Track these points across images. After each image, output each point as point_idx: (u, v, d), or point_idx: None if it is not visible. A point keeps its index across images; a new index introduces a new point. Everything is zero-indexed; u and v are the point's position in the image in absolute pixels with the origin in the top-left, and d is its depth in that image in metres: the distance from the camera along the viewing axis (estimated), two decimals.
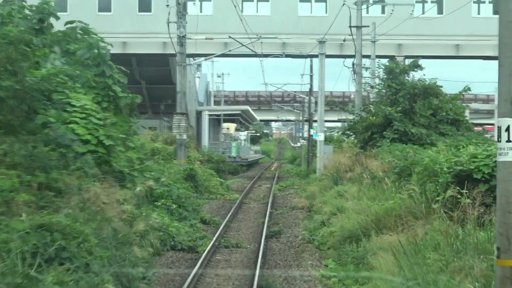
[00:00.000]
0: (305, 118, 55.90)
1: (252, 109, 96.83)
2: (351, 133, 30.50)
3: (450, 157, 16.33)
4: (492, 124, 61.24)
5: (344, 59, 54.25)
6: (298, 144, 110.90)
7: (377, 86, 29.97)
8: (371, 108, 29.56)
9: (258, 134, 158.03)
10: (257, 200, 33.06)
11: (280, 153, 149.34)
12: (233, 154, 62.44)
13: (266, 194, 36.09)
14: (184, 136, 32.79)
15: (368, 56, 48.61)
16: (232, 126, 62.63)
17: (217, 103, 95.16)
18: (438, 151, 19.76)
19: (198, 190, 30.76)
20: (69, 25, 23.93)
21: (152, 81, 55.35)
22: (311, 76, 58.14)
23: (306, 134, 77.36)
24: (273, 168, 79.96)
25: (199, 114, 64.22)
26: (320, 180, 32.46)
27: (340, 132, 33.67)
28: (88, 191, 14.56)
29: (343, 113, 73.00)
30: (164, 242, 18.12)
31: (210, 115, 64.29)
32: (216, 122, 66.40)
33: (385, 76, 30.38)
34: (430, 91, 28.73)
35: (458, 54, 49.77)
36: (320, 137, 45.32)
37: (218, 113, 63.79)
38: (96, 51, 21.42)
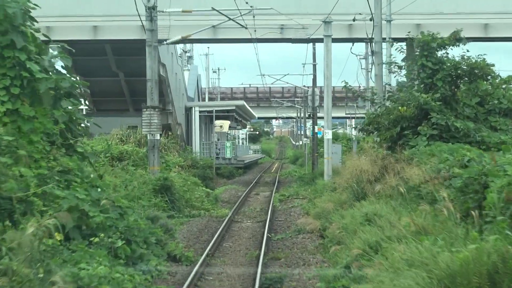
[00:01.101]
0: (308, 113, 48.81)
1: (250, 106, 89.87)
2: (373, 129, 23.29)
3: None
4: None
5: (352, 43, 47.32)
6: (300, 143, 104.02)
7: (405, 66, 22.75)
8: (400, 96, 22.38)
9: (257, 133, 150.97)
10: (252, 217, 25.91)
11: (281, 152, 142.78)
12: (228, 155, 55.31)
13: (263, 207, 28.97)
14: (158, 136, 25.67)
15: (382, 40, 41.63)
16: (226, 123, 55.52)
17: (213, 100, 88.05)
18: None
19: (175, 206, 23.63)
20: None
21: (132, 73, 48.10)
22: (314, 66, 51.00)
23: (309, 132, 70.38)
24: (273, 169, 72.85)
25: (188, 110, 57.08)
26: (332, 190, 25.33)
27: (356, 128, 26.44)
28: None
29: (351, 108, 65.78)
30: None
31: (201, 111, 57.09)
32: (208, 119, 59.26)
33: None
34: (477, 72, 21.57)
35: (487, 36, 42.56)
36: (327, 134, 38.21)
37: (210, 109, 56.64)
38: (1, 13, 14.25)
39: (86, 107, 53.06)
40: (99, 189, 15.71)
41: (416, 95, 20.86)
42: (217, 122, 55.79)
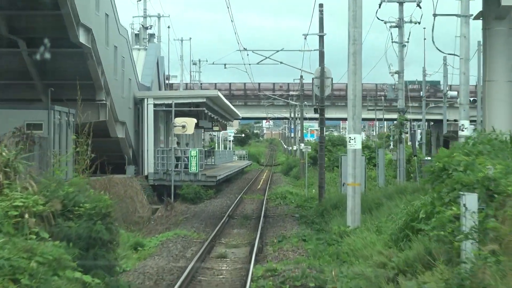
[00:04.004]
0: (314, 107, 31.34)
1: (236, 105, 73.91)
2: None
3: None
4: None
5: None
6: (294, 148, 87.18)
7: None
8: None
9: (243, 135, 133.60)
10: None
11: (272, 156, 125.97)
12: (194, 169, 37.97)
13: None
14: None
15: None
16: (191, 122, 38.27)
17: None
18: None
19: None
20: None
21: (38, 41, 30.80)
22: (322, 37, 33.66)
23: (311, 135, 54.06)
24: (260, 184, 55.47)
25: (139, 103, 39.87)
26: None
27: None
28: None
29: (381, 106, 47.78)
30: None
31: (157, 104, 39.83)
32: (170, 116, 41.81)
33: None
34: None
35: None
36: (354, 143, 21.08)
37: (170, 101, 39.37)
38: None
39: None
40: None
41: None
42: (178, 120, 38.40)
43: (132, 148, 39.05)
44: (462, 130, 21.38)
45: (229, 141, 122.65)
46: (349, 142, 21.28)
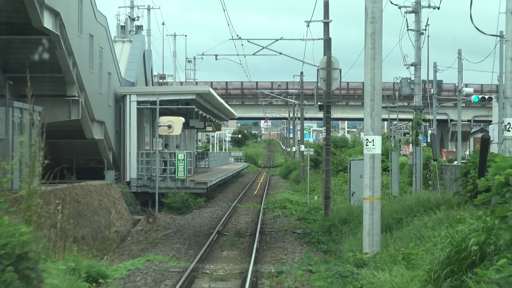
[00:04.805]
0: (318, 104, 27.03)
1: (233, 104, 69.97)
2: None
3: None
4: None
5: None
6: (294, 149, 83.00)
7: None
8: None
9: (239, 136, 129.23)
10: None
11: (270, 157, 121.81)
12: (181, 174, 33.57)
13: None
14: None
15: None
16: (178, 121, 33.88)
17: None
18: None
19: None
20: None
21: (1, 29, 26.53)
22: (327, 25, 29.37)
23: (311, 136, 50.26)
24: (257, 189, 51.05)
25: (121, 100, 35.50)
26: None
27: None
28: None
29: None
30: None
31: (140, 102, 35.45)
32: (156, 115, 37.39)
33: None
34: None
35: None
36: (373, 147, 16.72)
37: (155, 98, 34.99)
38: None
39: None
40: None
41: None
42: (163, 120, 34.00)
43: (113, 151, 34.69)
44: (509, 131, 17.06)
45: (226, 141, 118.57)
46: (366, 145, 16.90)
